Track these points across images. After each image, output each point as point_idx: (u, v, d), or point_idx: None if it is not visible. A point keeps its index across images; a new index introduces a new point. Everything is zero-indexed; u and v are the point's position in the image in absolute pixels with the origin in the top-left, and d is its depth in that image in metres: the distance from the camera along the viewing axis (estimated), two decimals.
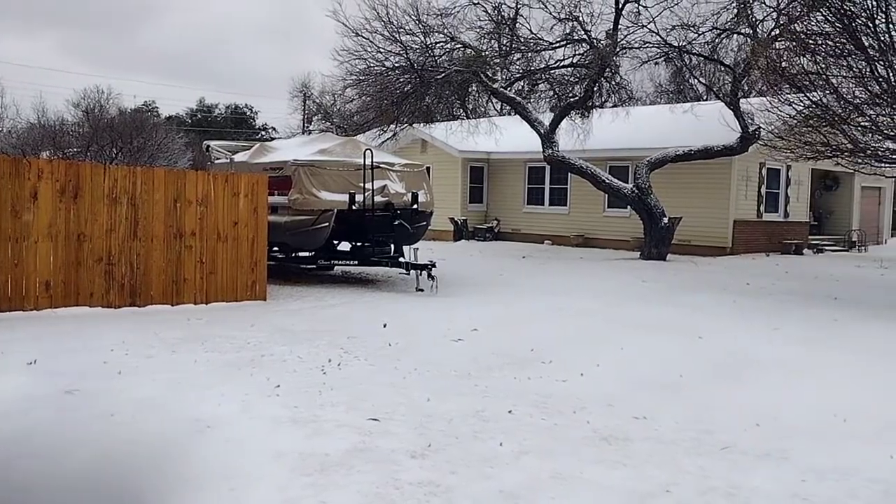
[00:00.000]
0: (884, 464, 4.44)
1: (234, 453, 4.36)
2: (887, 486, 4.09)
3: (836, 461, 4.46)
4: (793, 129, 13.59)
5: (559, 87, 18.85)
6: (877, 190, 24.91)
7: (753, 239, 19.52)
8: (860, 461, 4.47)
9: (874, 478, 4.21)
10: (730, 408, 5.56)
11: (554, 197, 22.61)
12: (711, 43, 17.33)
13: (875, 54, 11.73)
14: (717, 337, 8.22)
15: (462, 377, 6.32)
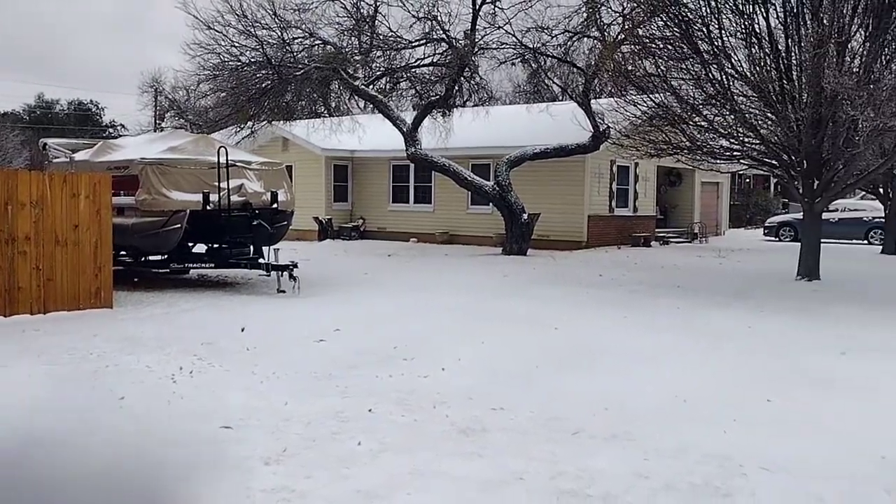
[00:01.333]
0: (718, 440, 4.75)
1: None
2: (721, 460, 4.38)
3: (677, 440, 4.73)
4: (638, 129, 14.40)
5: (421, 85, 19.00)
6: (715, 185, 26.87)
7: (606, 233, 20.53)
8: (698, 439, 4.76)
9: (709, 454, 4.49)
10: (581, 395, 5.78)
11: (419, 195, 22.77)
12: (564, 45, 18.05)
13: (710, 58, 12.64)
14: (572, 327, 8.56)
15: (322, 378, 6.20)
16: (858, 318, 9.39)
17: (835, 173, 12.67)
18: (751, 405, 5.53)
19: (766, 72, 12.27)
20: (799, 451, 4.58)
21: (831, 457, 4.48)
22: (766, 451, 4.55)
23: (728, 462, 4.35)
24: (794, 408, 5.50)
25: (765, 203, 32.05)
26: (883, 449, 4.57)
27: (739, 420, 5.16)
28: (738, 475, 4.17)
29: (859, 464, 4.37)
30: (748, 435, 4.87)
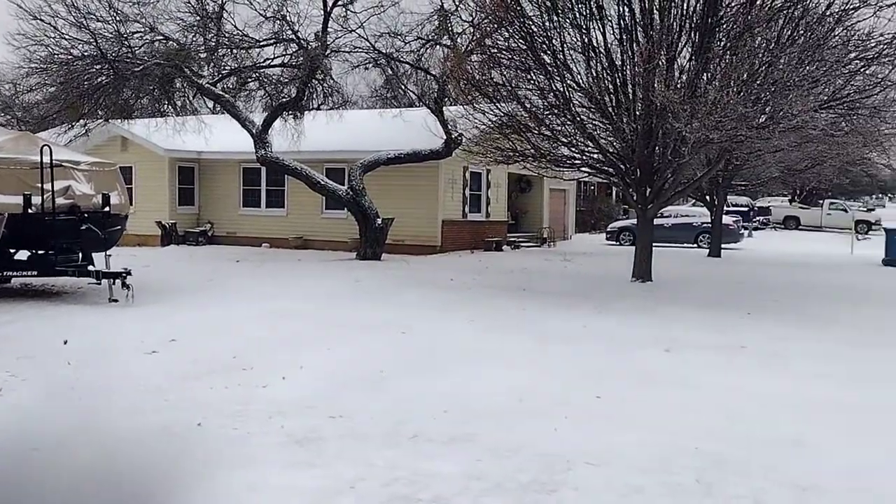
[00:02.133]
0: (550, 438, 4.91)
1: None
2: (550, 457, 4.53)
3: (511, 440, 4.85)
4: (487, 136, 14.77)
5: (271, 86, 18.52)
6: (562, 192, 28.09)
7: (460, 237, 20.90)
8: (531, 437, 4.90)
9: (540, 451, 4.63)
10: (425, 398, 5.80)
11: (271, 199, 22.16)
12: (418, 52, 18.23)
13: (553, 70, 13.18)
14: (421, 331, 8.60)
15: (150, 392, 5.84)
16: (683, 316, 10.08)
17: (664, 181, 13.57)
18: (582, 402, 5.77)
19: (603, 85, 12.96)
20: (623, 444, 4.81)
21: (652, 449, 4.74)
22: (592, 446, 4.75)
23: (557, 458, 4.50)
24: (620, 403, 5.79)
25: (607, 209, 33.91)
26: (697, 441, 4.89)
27: (570, 417, 5.37)
28: (564, 471, 4.32)
29: (676, 455, 4.65)
30: (577, 431, 5.07)
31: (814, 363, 7.37)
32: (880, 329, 9.57)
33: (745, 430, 5.18)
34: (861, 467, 4.53)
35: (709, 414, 5.57)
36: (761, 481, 4.24)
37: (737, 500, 4.00)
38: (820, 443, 4.94)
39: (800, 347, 8.15)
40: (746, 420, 5.44)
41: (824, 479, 4.31)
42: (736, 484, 4.21)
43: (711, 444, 4.84)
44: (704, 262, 19.72)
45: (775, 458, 4.64)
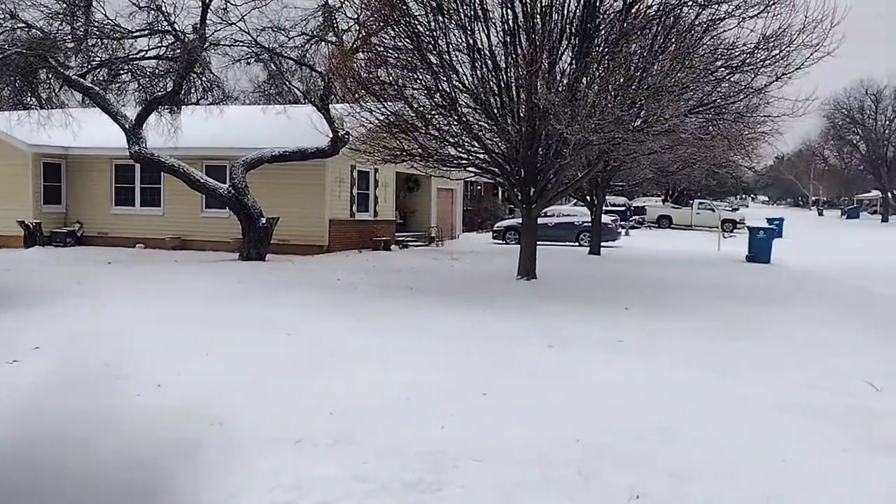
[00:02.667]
0: (436, 436, 4.91)
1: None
2: (437, 456, 4.52)
3: (397, 439, 4.80)
4: (374, 135, 14.66)
5: (145, 79, 17.64)
6: (450, 191, 28.36)
7: (348, 237, 20.68)
8: (417, 436, 4.88)
9: (426, 450, 4.62)
10: (310, 400, 5.67)
11: (146, 197, 21.12)
12: (302, 48, 17.87)
13: (439, 70, 13.25)
14: (307, 332, 8.41)
15: (6, 406, 5.40)
16: (566, 313, 10.38)
17: (548, 181, 13.93)
18: (469, 399, 5.81)
19: (487, 86, 13.15)
20: (508, 440, 4.88)
21: (536, 443, 4.83)
22: (478, 442, 4.79)
23: (443, 456, 4.50)
24: (506, 399, 5.87)
25: (494, 209, 34.52)
26: (579, 433, 5.03)
27: (457, 414, 5.39)
28: (450, 468, 4.33)
29: (559, 448, 4.76)
30: (464, 428, 5.09)
31: (685, 355, 7.77)
32: (745, 321, 10.20)
33: (623, 421, 5.37)
34: (727, 453, 4.79)
35: (590, 407, 5.74)
36: (638, 470, 4.40)
37: (614, 490, 4.13)
38: (691, 431, 5.19)
39: (672, 340, 8.57)
40: (625, 411, 5.64)
41: (695, 465, 4.53)
42: (614, 474, 4.34)
43: (592, 435, 4.99)
44: (585, 259, 20.43)
45: (651, 447, 4.83)
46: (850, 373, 7.03)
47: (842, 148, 67.17)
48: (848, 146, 64.84)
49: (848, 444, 5.03)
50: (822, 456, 4.79)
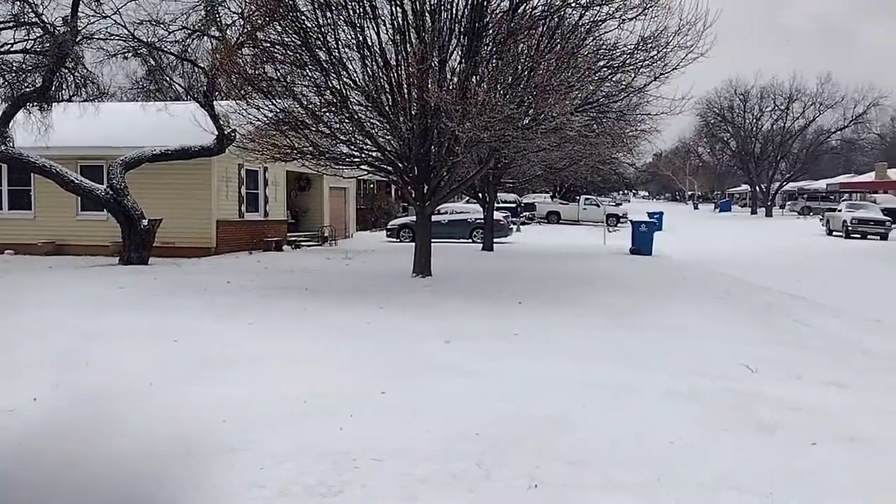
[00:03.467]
0: (335, 437, 4.82)
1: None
2: (336, 457, 4.43)
3: (295, 443, 4.68)
4: (263, 133, 14.28)
5: (11, 74, 16.44)
6: (343, 190, 28.05)
7: (237, 238, 20.07)
8: (316, 438, 4.77)
9: (326, 452, 4.52)
10: (201, 409, 5.44)
11: (15, 200, 19.73)
12: (183, 42, 17.16)
13: (329, 67, 13.05)
14: (195, 338, 8.08)
15: None
16: (461, 308, 10.48)
17: (441, 179, 14.01)
18: (366, 399, 5.74)
19: (379, 84, 13.07)
20: (409, 437, 4.86)
21: (436, 438, 4.83)
22: (378, 441, 4.74)
23: (343, 458, 4.43)
24: (404, 396, 5.85)
25: (388, 207, 34.45)
26: (478, 426, 5.06)
27: (356, 415, 5.31)
28: (351, 469, 4.26)
29: (459, 442, 4.78)
30: (363, 428, 5.03)
31: (578, 345, 8.00)
32: (632, 312, 10.61)
33: (519, 412, 5.47)
34: (621, 439, 4.96)
35: (488, 400, 5.80)
36: (536, 460, 4.48)
37: (514, 481, 4.19)
38: (586, 419, 5.34)
39: (566, 332, 8.80)
40: (521, 402, 5.74)
41: (591, 452, 4.66)
42: (513, 465, 4.40)
43: (492, 428, 5.04)
44: (479, 255, 20.71)
45: (548, 437, 4.93)
46: (729, 358, 7.43)
47: (714, 145, 71.25)
48: (719, 143, 68.82)
49: (729, 424, 5.32)
50: (706, 437, 5.04)
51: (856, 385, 6.46)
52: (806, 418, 5.47)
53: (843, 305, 11.66)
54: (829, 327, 9.78)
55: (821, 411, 5.66)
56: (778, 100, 60.31)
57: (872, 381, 6.69)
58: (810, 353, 8.00)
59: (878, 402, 5.99)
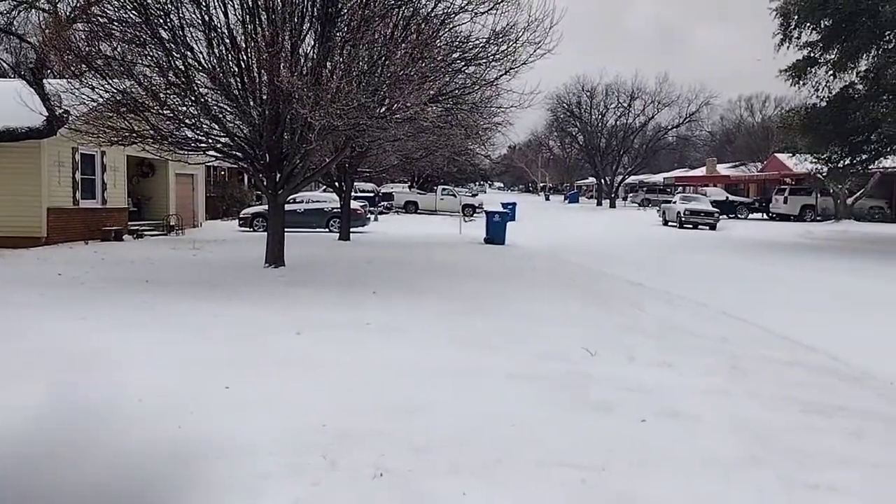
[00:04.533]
0: (174, 437, 4.60)
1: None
2: (174, 459, 4.24)
3: (130, 448, 4.42)
4: (99, 115, 13.34)
5: None
6: (190, 177, 26.78)
7: (71, 227, 18.68)
8: (152, 440, 4.54)
9: (164, 454, 4.31)
10: (16, 417, 5.01)
11: None
12: (9, 15, 15.72)
13: (172, 47, 12.37)
14: (22, 335, 7.45)
15: None
16: (314, 298, 10.32)
17: (294, 166, 13.69)
18: (209, 394, 5.52)
19: (226, 66, 12.55)
20: (253, 431, 4.72)
21: (282, 432, 4.72)
22: (221, 438, 4.57)
23: (181, 458, 4.23)
24: (250, 390, 5.68)
25: (240, 195, 33.28)
26: (326, 418, 5.00)
27: (196, 411, 5.09)
28: (190, 468, 4.08)
29: (305, 434, 4.70)
30: (204, 425, 4.83)
31: (430, 332, 8.08)
32: (483, 299, 10.87)
33: (371, 402, 5.45)
34: (468, 423, 5.07)
35: (338, 390, 5.75)
36: (383, 448, 4.49)
37: (360, 470, 4.18)
38: (435, 405, 5.42)
39: (418, 319, 8.88)
40: (372, 392, 5.73)
41: (439, 438, 4.73)
42: (360, 454, 4.39)
43: (340, 419, 5.00)
44: (335, 245, 20.48)
45: (397, 425, 4.96)
46: (571, 341, 7.79)
47: (563, 139, 74.53)
48: (568, 137, 72.06)
49: (568, 405, 5.57)
50: (546, 417, 5.26)
51: (681, 365, 6.97)
52: (637, 397, 5.83)
53: (676, 290, 12.56)
54: (662, 312, 10.49)
55: (650, 390, 6.06)
56: (621, 97, 63.90)
57: (695, 361, 7.24)
58: (644, 335, 8.54)
59: (699, 380, 6.50)
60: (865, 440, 4.97)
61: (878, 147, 25.75)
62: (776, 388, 6.31)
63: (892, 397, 6.30)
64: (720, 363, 7.18)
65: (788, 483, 4.20)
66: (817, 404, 5.80)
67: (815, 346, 8.28)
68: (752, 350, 7.98)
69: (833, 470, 4.40)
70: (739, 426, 5.19)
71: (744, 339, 8.64)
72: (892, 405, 6.04)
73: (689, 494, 4.07)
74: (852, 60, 24.29)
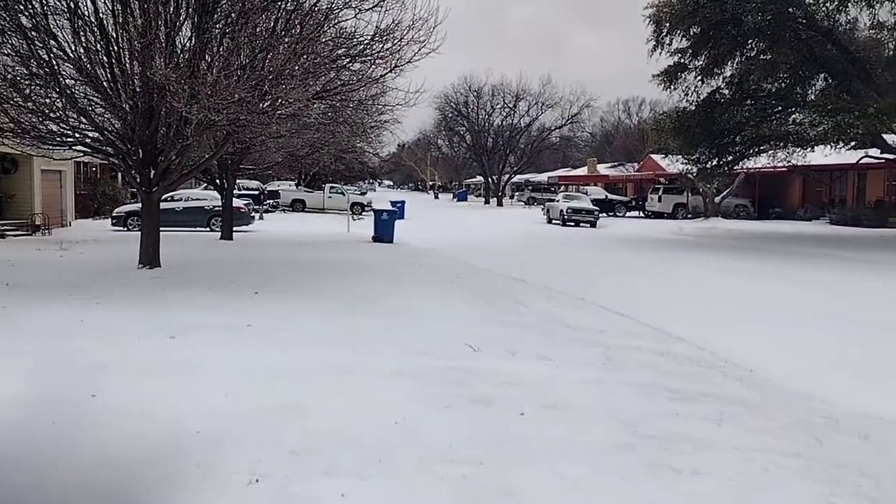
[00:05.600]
0: (27, 451, 4.30)
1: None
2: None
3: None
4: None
5: None
6: (58, 173, 25.19)
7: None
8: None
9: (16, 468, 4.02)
10: None
11: None
12: None
13: (34, 34, 11.57)
14: None
15: None
16: (192, 301, 9.92)
17: (170, 163, 13.12)
18: (71, 405, 5.19)
19: (95, 57, 11.88)
20: (116, 442, 4.48)
21: (151, 442, 4.51)
22: (82, 452, 4.30)
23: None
24: (116, 399, 5.37)
25: (113, 192, 31.54)
26: (200, 424, 4.81)
27: (58, 422, 4.78)
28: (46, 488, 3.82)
29: (176, 442, 4.51)
30: (63, 439, 4.54)
31: (312, 333, 7.95)
32: (369, 298, 10.80)
33: (247, 405, 5.30)
34: (349, 423, 5.01)
35: (213, 395, 5.54)
36: (258, 453, 4.37)
37: (234, 477, 4.05)
38: (315, 406, 5.33)
39: (301, 320, 8.72)
40: (249, 395, 5.56)
41: (318, 439, 4.65)
42: (235, 460, 4.26)
43: (215, 424, 4.83)
44: (216, 245, 19.81)
45: (274, 428, 4.84)
46: (455, 338, 7.87)
47: (452, 138, 75.24)
48: (456, 136, 72.83)
49: (450, 401, 5.62)
50: (428, 415, 5.28)
51: (559, 358, 7.18)
52: (517, 391, 5.96)
53: (557, 286, 12.95)
54: (544, 306, 10.78)
55: (530, 383, 6.21)
56: (507, 98, 65.21)
57: (573, 353, 7.49)
58: (526, 330, 8.74)
59: (576, 371, 6.72)
60: (725, 425, 5.29)
61: (742, 149, 27.55)
62: (647, 377, 6.62)
63: (751, 383, 6.75)
64: (596, 355, 7.45)
65: (654, 468, 4.41)
66: (683, 392, 6.13)
67: (683, 337, 8.75)
68: (626, 341, 8.34)
69: (695, 454, 4.66)
70: (612, 415, 5.40)
71: (619, 332, 9.01)
72: (750, 390, 6.46)
73: (562, 482, 4.20)
74: (718, 67, 25.88)
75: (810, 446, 4.93)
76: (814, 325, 10.22)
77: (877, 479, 4.36)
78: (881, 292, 13.67)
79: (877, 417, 5.81)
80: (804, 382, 6.84)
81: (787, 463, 4.58)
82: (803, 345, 8.87)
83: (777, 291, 13.48)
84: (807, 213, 37.53)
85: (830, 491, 4.17)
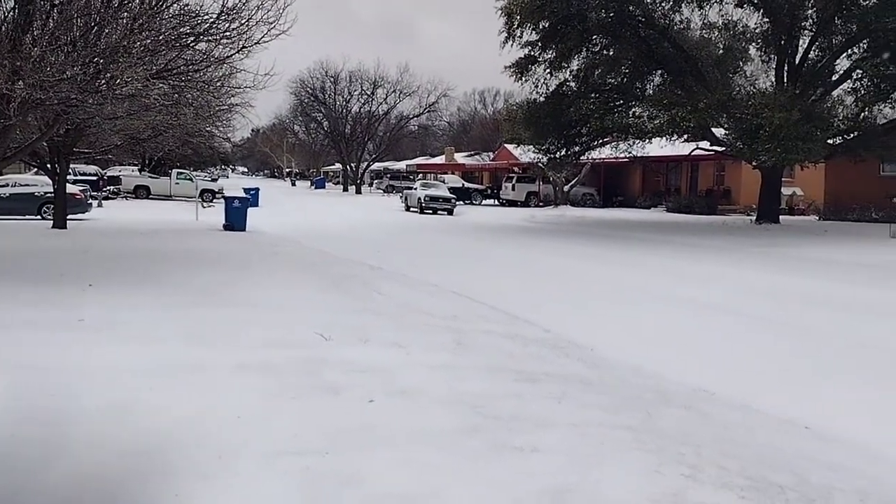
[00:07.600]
0: None
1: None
2: None
3: None
4: None
5: None
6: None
7: None
8: None
9: None
10: None
11: None
12: None
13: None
14: None
15: None
16: (12, 296, 9.02)
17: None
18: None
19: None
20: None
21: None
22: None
23: None
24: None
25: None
26: (13, 430, 4.42)
27: None
28: None
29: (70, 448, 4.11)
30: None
31: (151, 326, 7.51)
32: (217, 288, 10.36)
33: (73, 406, 4.92)
34: (187, 421, 4.77)
35: (32, 397, 5.10)
36: (85, 456, 4.07)
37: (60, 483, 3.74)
38: (150, 403, 5.03)
39: (140, 313, 8.21)
40: (77, 395, 5.16)
41: (151, 442, 4.40)
42: (60, 468, 3.93)
43: (30, 429, 4.44)
44: (47, 234, 18.30)
45: (101, 429, 4.53)
46: (307, 327, 7.70)
47: (309, 124, 73.84)
48: (314, 122, 71.56)
49: (297, 392, 5.49)
50: (274, 407, 5.13)
51: (412, 343, 7.21)
52: (367, 378, 5.92)
53: (412, 273, 13.03)
54: (398, 293, 10.80)
55: (381, 370, 6.18)
56: (364, 85, 64.80)
57: (425, 339, 7.55)
58: (380, 317, 8.71)
59: (427, 356, 6.77)
60: (565, 402, 5.52)
61: (588, 140, 28.94)
62: (494, 360, 6.79)
63: (591, 362, 7.09)
64: (448, 340, 7.55)
65: (497, 447, 4.52)
66: (528, 372, 6.34)
67: (531, 320, 9.06)
68: (477, 326, 8.51)
69: (536, 432, 4.82)
70: (459, 398, 5.48)
71: (471, 316, 9.18)
72: (590, 369, 6.78)
73: (409, 468, 4.20)
74: (566, 60, 26.97)
75: (642, 420, 5.23)
76: (650, 305, 10.91)
77: (698, 447, 4.70)
78: (712, 273, 14.82)
79: (701, 390, 6.28)
80: (639, 360, 7.27)
81: (620, 436, 4.84)
82: (640, 325, 9.45)
83: (619, 274, 14.28)
84: (646, 202, 40.07)
85: (658, 460, 4.44)
